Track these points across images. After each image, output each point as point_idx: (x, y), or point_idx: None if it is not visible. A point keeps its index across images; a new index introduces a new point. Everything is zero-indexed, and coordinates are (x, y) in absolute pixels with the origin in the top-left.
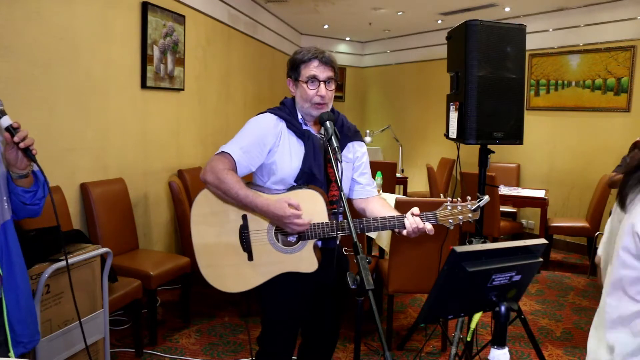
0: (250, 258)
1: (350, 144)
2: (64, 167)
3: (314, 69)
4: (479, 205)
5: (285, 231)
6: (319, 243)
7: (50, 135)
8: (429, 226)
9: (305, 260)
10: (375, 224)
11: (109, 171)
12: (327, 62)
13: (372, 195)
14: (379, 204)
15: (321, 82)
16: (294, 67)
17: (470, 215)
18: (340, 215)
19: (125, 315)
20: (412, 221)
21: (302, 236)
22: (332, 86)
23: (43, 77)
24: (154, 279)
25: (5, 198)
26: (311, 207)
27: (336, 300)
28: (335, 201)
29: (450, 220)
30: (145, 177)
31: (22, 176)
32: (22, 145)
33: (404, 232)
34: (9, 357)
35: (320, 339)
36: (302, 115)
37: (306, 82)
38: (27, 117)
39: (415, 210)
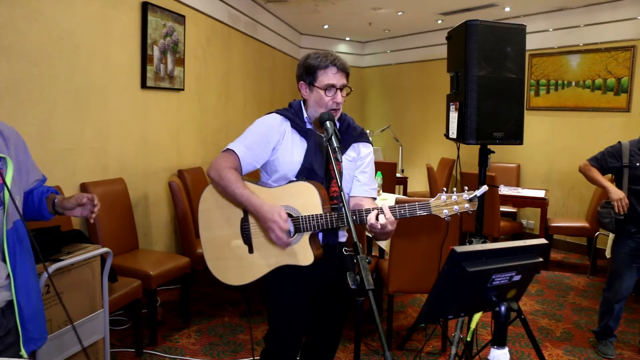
0: (250, 251)
1: (355, 144)
2: (64, 167)
3: (332, 76)
4: (475, 195)
5: None
6: (320, 237)
7: (50, 135)
8: (382, 222)
9: (300, 253)
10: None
11: (109, 171)
12: (344, 69)
13: (368, 196)
14: (367, 204)
15: (337, 90)
16: (310, 72)
17: (467, 205)
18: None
19: (125, 315)
20: (371, 216)
21: (297, 229)
22: (344, 93)
23: (43, 77)
24: (154, 279)
25: (18, 197)
26: (306, 200)
27: (339, 300)
28: (336, 197)
29: (445, 211)
30: (145, 177)
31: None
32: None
33: (367, 226)
34: (20, 355)
35: (323, 338)
36: (308, 116)
37: (324, 90)
38: (27, 117)
39: (385, 208)
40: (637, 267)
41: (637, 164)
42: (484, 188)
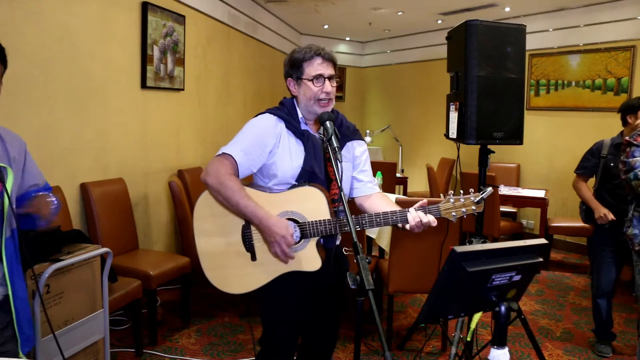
0: (253, 258)
1: (349, 143)
2: (64, 167)
3: (318, 66)
4: (482, 197)
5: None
6: (322, 241)
7: (50, 135)
8: (431, 218)
9: (308, 258)
10: (378, 219)
11: (109, 171)
12: (330, 58)
13: (372, 192)
14: (382, 200)
15: (326, 79)
16: (296, 66)
17: (474, 207)
18: (341, 213)
19: (125, 315)
20: (415, 215)
21: (304, 234)
22: (334, 83)
23: (43, 77)
24: (154, 279)
25: (13, 207)
26: (312, 205)
27: (336, 301)
28: (336, 199)
29: (453, 214)
30: (145, 177)
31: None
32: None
33: (407, 227)
34: (18, 356)
35: (320, 339)
36: (302, 115)
37: (311, 80)
38: (27, 117)
39: (419, 203)
40: (613, 262)
41: (612, 164)
42: (490, 190)
